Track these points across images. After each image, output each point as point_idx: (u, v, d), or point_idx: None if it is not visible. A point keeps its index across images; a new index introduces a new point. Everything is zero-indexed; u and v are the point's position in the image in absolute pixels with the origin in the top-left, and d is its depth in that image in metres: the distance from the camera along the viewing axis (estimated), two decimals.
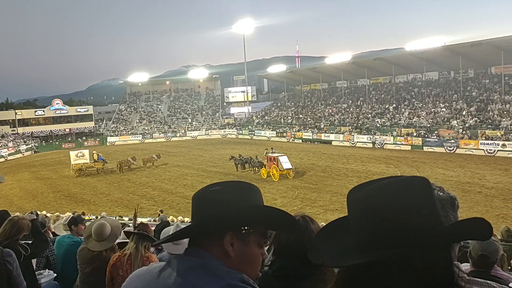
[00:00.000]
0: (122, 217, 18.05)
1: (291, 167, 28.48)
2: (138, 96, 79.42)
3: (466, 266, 3.57)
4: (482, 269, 3.41)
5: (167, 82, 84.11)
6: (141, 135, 64.85)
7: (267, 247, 2.31)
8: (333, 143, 47.17)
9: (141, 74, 79.94)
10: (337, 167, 31.73)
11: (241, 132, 63.39)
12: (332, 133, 49.02)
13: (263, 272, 2.03)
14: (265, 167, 29.12)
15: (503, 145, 33.24)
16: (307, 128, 53.14)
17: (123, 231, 4.55)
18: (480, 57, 43.59)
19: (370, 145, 42.90)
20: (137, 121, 70.63)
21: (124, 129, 67.28)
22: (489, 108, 39.48)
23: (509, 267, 6.03)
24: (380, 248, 1.01)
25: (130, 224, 7.85)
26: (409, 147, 39.68)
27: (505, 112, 37.57)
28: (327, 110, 56.66)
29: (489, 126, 36.57)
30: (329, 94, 62.89)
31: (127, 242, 4.09)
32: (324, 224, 3.07)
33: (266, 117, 65.17)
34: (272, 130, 57.66)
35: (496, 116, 37.64)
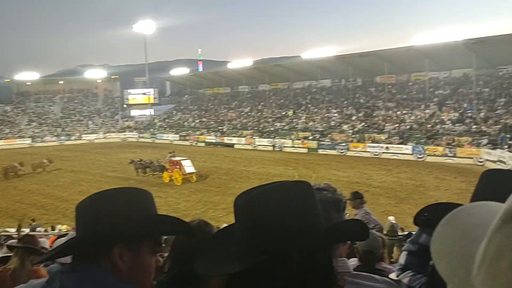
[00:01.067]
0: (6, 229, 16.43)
1: (194, 171, 28.31)
2: (27, 96, 72.88)
3: (353, 261, 3.88)
4: (368, 263, 3.64)
5: (61, 82, 78.32)
6: (30, 139, 59.57)
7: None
8: (235, 146, 47.83)
9: (30, 73, 73.58)
10: (239, 169, 32.26)
11: (142, 135, 61.42)
12: (234, 136, 49.70)
13: (158, 280, 2.01)
14: (167, 171, 28.57)
15: (387, 148, 36.62)
16: (210, 131, 53.27)
17: (6, 245, 4.20)
18: (367, 67, 47.49)
19: (271, 148, 44.37)
20: (26, 123, 64.78)
21: (10, 132, 61.23)
22: (375, 114, 43.24)
23: (391, 260, 6.66)
24: (256, 252, 1.01)
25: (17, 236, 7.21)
26: (305, 150, 41.78)
27: (388, 118, 41.43)
28: (229, 114, 57.36)
29: (375, 130, 40.05)
30: (232, 98, 63.74)
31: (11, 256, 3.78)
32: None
33: (168, 120, 64.00)
34: (175, 134, 56.77)
35: (381, 121, 41.35)
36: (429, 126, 37.58)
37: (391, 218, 12.77)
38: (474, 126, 34.84)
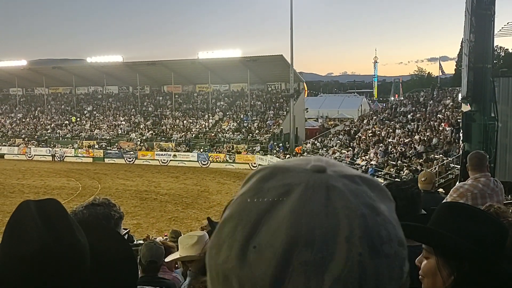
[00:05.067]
0: None
1: None
2: None
3: None
4: (150, 273, 3.66)
5: None
6: None
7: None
8: (5, 156, 42.03)
9: None
10: (11, 183, 28.61)
11: None
12: (4, 145, 43.64)
13: None
14: None
15: (174, 155, 37.93)
16: None
17: None
18: (155, 75, 48.12)
19: (50, 158, 40.54)
20: None
21: None
22: (162, 123, 44.22)
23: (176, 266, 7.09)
24: None
25: None
26: (90, 159, 39.69)
27: (175, 126, 42.93)
28: None
29: (163, 138, 40.98)
30: (1, 102, 55.54)
31: None
32: None
33: None
34: None
35: (168, 129, 42.54)
36: (212, 134, 40.55)
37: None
38: (249, 135, 39.25)
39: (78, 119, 47.83)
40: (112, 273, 0.98)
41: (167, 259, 3.56)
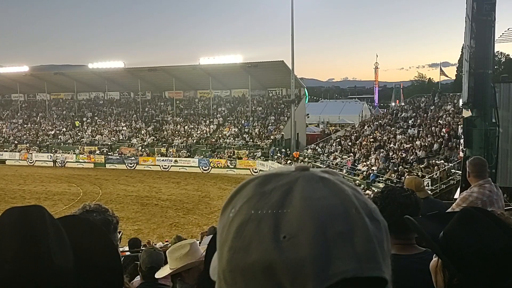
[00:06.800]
0: None
1: None
2: None
3: (137, 279, 4.04)
4: (151, 280, 3.61)
5: None
6: None
7: None
8: (7, 162, 42.12)
9: None
10: (12, 189, 28.67)
11: None
12: (6, 151, 43.71)
13: None
14: None
15: (175, 161, 37.93)
16: None
17: None
18: (156, 81, 48.21)
19: (51, 164, 40.58)
20: None
21: None
22: (164, 128, 44.25)
23: None
24: None
25: None
26: (91, 165, 39.72)
27: (176, 132, 42.96)
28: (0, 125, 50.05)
29: (164, 144, 40.98)
30: (3, 108, 55.69)
31: None
32: None
33: None
34: None
35: (169, 135, 42.56)
36: (213, 140, 40.54)
37: None
38: (251, 140, 39.24)
39: (80, 123, 47.95)
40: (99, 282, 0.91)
41: (159, 276, 3.41)
